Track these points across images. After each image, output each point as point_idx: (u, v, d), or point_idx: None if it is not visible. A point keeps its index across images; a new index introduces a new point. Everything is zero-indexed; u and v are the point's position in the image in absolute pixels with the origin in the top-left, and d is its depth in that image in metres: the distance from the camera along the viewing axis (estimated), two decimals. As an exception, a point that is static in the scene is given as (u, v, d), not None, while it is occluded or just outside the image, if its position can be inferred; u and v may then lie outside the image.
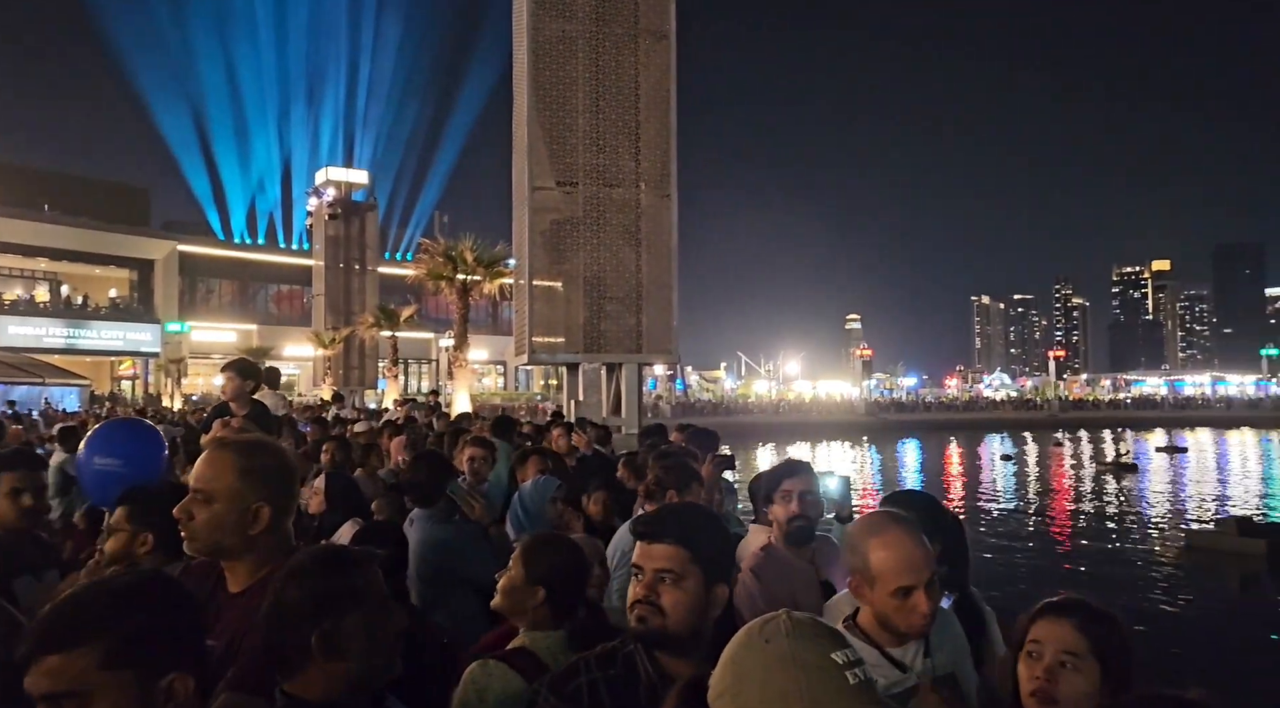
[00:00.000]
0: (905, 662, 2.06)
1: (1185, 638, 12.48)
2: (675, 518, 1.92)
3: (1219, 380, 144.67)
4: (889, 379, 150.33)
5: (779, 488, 3.12)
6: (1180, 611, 14.80)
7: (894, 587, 2.01)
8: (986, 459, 50.38)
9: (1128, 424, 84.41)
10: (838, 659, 1.20)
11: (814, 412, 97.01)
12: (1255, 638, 13.01)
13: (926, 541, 2.06)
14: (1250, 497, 31.48)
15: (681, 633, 1.76)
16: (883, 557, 2.02)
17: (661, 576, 1.78)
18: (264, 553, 2.05)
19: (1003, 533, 23.27)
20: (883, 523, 2.10)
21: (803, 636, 1.22)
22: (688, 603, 1.76)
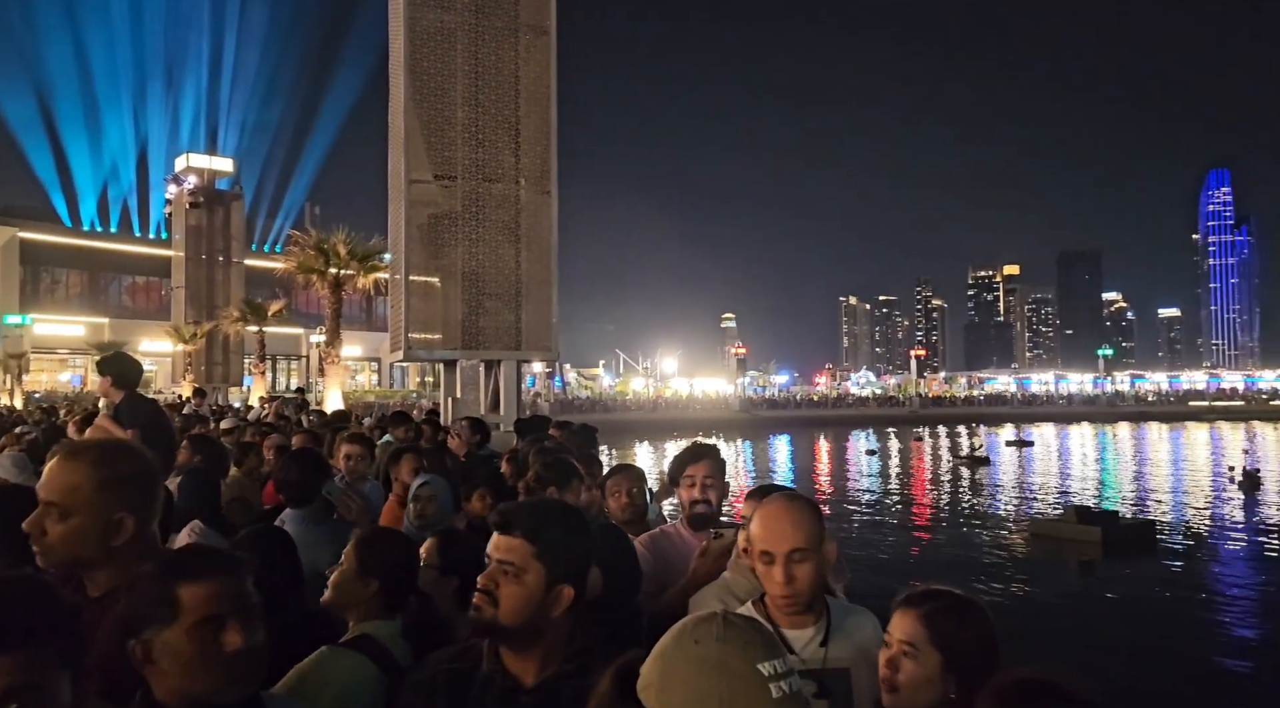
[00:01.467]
0: (798, 645, 2.08)
1: (1029, 618, 13.39)
2: (529, 512, 1.89)
3: (1062, 378, 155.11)
4: (762, 377, 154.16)
5: (684, 472, 3.22)
6: (1025, 593, 15.87)
7: (758, 551, 2.10)
8: (853, 454, 52.40)
9: (981, 420, 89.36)
10: (764, 670, 1.16)
11: (690, 408, 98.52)
12: (1090, 617, 14.09)
13: (810, 521, 2.10)
14: (1088, 487, 33.95)
15: (513, 628, 1.73)
16: (756, 525, 2.12)
17: (504, 568, 1.75)
18: (126, 561, 1.94)
19: (868, 524, 24.31)
20: (771, 497, 2.22)
21: (733, 641, 1.18)
22: (523, 598, 1.72)
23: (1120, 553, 18.64)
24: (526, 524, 1.80)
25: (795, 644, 2.07)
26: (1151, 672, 10.82)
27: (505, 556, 1.77)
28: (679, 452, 3.42)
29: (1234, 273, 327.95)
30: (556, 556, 1.77)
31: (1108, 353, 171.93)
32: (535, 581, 1.74)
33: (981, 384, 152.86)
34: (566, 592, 1.76)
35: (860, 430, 76.06)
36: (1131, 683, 10.10)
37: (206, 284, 48.50)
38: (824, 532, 2.14)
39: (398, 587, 2.38)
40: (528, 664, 1.75)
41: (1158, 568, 17.98)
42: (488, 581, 1.76)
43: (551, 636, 1.76)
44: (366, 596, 2.34)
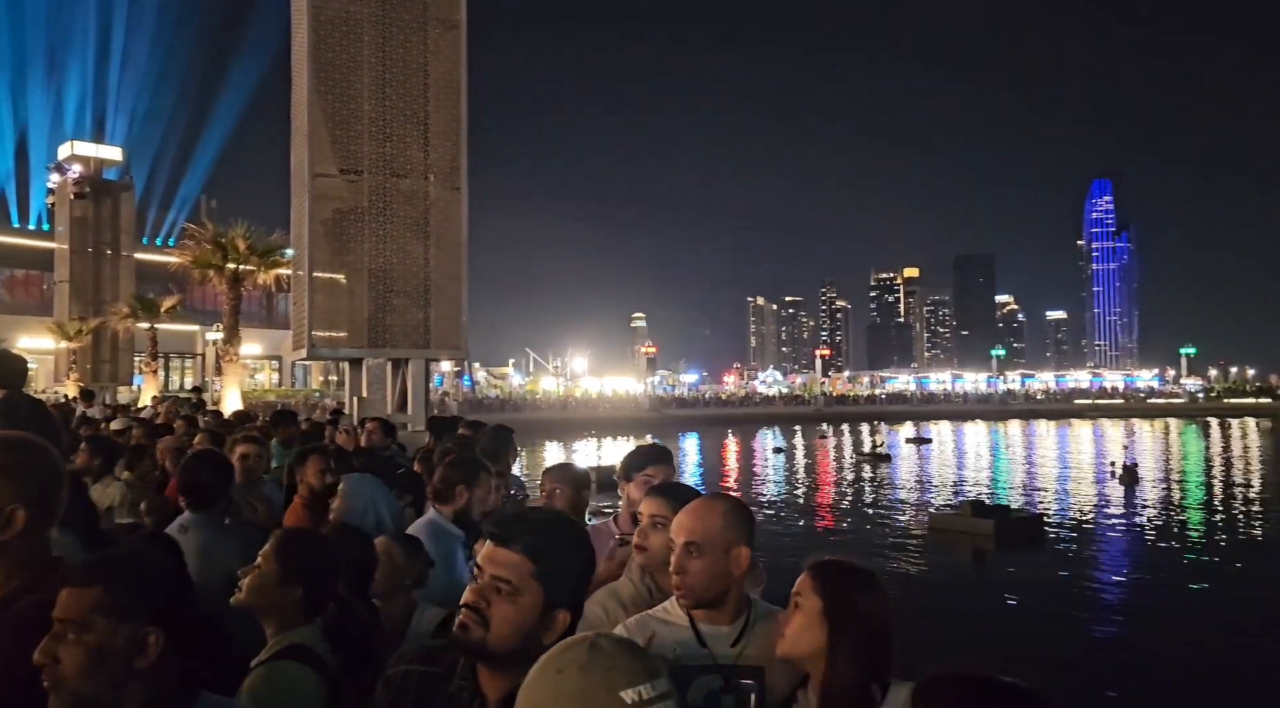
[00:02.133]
0: (711, 642, 2.10)
1: (927, 605, 13.88)
2: (532, 526, 1.69)
3: (958, 378, 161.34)
4: (671, 376, 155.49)
5: (643, 470, 3.18)
6: (923, 581, 16.45)
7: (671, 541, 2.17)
8: (760, 452, 53.33)
9: (882, 418, 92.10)
10: (627, 698, 1.11)
11: (601, 407, 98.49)
12: (983, 605, 14.70)
13: (714, 519, 2.13)
14: (982, 482, 35.37)
15: (501, 651, 1.57)
16: (676, 518, 2.19)
17: (498, 585, 1.57)
18: (15, 561, 1.84)
19: (773, 519, 24.79)
20: (698, 495, 2.30)
21: (595, 669, 1.14)
22: (516, 620, 1.56)
23: (1011, 544, 19.49)
24: (529, 539, 1.60)
25: (709, 641, 2.10)
26: (1037, 653, 11.35)
27: (501, 572, 1.58)
28: (636, 448, 3.38)
29: (1115, 278, 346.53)
30: (558, 577, 1.60)
31: (1000, 353, 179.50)
32: (531, 603, 1.57)
33: (883, 383, 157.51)
34: (562, 618, 1.60)
35: (767, 428, 77.42)
36: (1020, 663, 10.57)
37: (93, 278, 46.19)
38: (735, 535, 2.14)
39: (319, 591, 2.32)
40: (500, 683, 1.59)
41: (1046, 558, 18.87)
42: (478, 597, 1.58)
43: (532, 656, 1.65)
44: (289, 601, 2.27)
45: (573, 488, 3.83)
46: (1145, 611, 14.85)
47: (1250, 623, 13.57)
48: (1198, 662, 11.69)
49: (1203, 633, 13.09)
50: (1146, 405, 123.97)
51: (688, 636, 2.11)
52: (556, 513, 2.13)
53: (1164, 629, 13.56)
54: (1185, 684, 10.82)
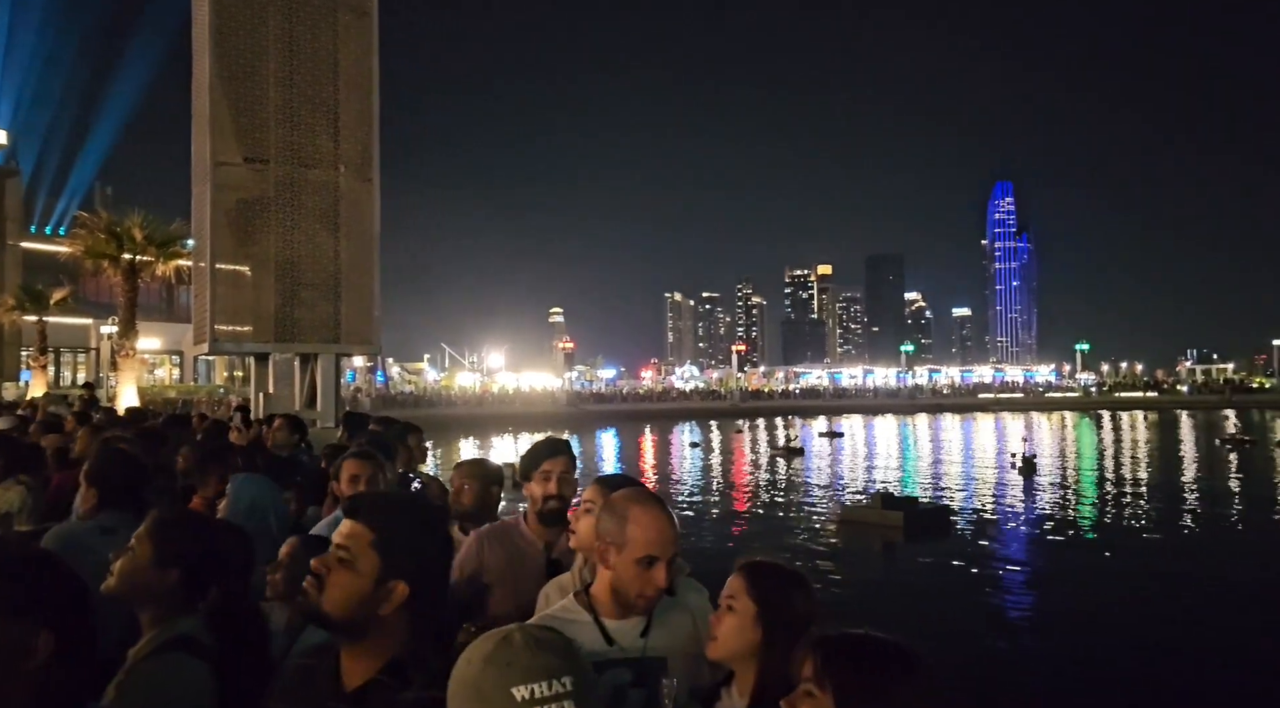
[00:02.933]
0: (620, 637, 2.14)
1: (838, 595, 14.20)
2: (378, 501, 1.83)
3: (869, 373, 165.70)
4: (589, 371, 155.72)
5: (539, 467, 3.16)
6: (835, 572, 16.81)
7: (640, 555, 2.11)
8: (677, 446, 53.79)
9: (796, 412, 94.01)
10: (517, 695, 1.14)
11: (517, 403, 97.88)
12: (893, 593, 15.11)
13: (677, 523, 2.20)
14: (892, 474, 36.37)
15: (335, 618, 1.62)
16: (640, 525, 2.11)
17: (339, 553, 1.65)
18: None
19: (692, 513, 25.00)
20: (646, 496, 2.24)
21: (495, 663, 1.18)
22: (351, 587, 1.62)
23: (919, 535, 20.10)
24: (372, 512, 1.70)
25: (617, 636, 2.13)
26: (945, 638, 11.71)
27: (343, 541, 1.66)
28: (533, 446, 3.35)
29: (1016, 276, 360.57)
30: (396, 548, 1.65)
31: (909, 349, 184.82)
32: (367, 571, 1.63)
33: (797, 379, 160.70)
34: (400, 588, 1.64)
35: (684, 424, 78.13)
36: (927, 648, 10.88)
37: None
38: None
39: (200, 576, 2.18)
40: (355, 666, 1.64)
41: (952, 547, 19.50)
42: (320, 565, 1.66)
43: (379, 635, 1.64)
44: (165, 587, 2.13)
45: (481, 483, 3.77)
46: (1044, 594, 15.49)
47: (1137, 602, 14.32)
48: (1093, 640, 12.25)
49: (1096, 613, 13.74)
50: (1044, 399, 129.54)
51: (593, 632, 2.11)
52: (411, 494, 2.17)
53: (1061, 611, 14.18)
54: (1081, 661, 11.32)
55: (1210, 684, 10.66)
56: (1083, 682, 10.81)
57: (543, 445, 3.28)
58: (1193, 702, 10.14)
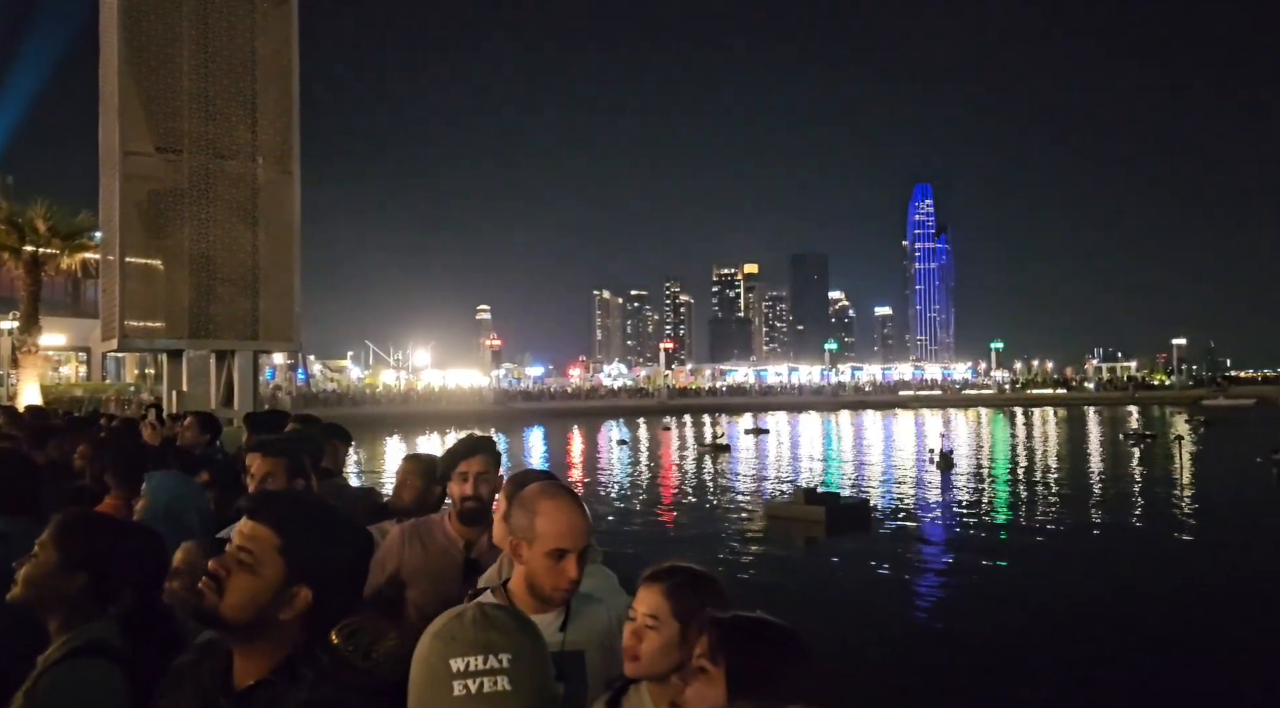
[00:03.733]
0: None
1: (762, 588, 14.42)
2: (284, 503, 1.78)
3: (794, 370, 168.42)
4: (517, 369, 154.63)
5: (456, 467, 3.15)
6: (759, 566, 17.08)
7: (550, 548, 2.11)
8: (605, 444, 53.82)
9: (723, 409, 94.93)
10: (454, 666, 1.18)
11: (444, 401, 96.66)
12: (815, 587, 15.42)
13: (589, 514, 2.21)
14: (815, 470, 37.06)
15: (234, 621, 1.57)
16: (548, 519, 2.12)
17: (240, 555, 1.60)
18: None
19: (620, 509, 25.08)
20: (555, 489, 2.23)
21: (441, 637, 1.22)
22: (252, 591, 1.57)
23: (841, 529, 20.54)
24: (277, 514, 1.65)
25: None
26: (860, 629, 12.02)
27: (245, 542, 1.61)
28: (450, 446, 3.34)
29: (935, 277, 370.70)
30: (302, 553, 1.61)
31: (833, 347, 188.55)
32: (271, 575, 1.58)
33: (724, 376, 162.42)
34: (303, 594, 1.59)
35: (612, 421, 78.28)
36: (843, 641, 11.16)
37: None
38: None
39: (109, 579, 2.11)
40: (248, 666, 1.60)
41: (872, 541, 19.99)
42: (219, 567, 1.60)
43: (275, 638, 1.60)
44: (72, 590, 2.07)
45: (424, 480, 3.74)
46: (959, 584, 15.99)
47: (1046, 589, 14.93)
48: (1005, 624, 12.72)
49: (1008, 599, 14.26)
50: (961, 396, 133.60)
51: None
52: (319, 497, 2.13)
53: (975, 598, 14.67)
54: (994, 645, 11.74)
55: (1111, 659, 11.17)
56: (994, 664, 11.21)
57: (460, 445, 3.26)
58: (1097, 679, 10.60)
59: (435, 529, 3.16)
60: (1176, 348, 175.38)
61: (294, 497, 1.88)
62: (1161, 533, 20.83)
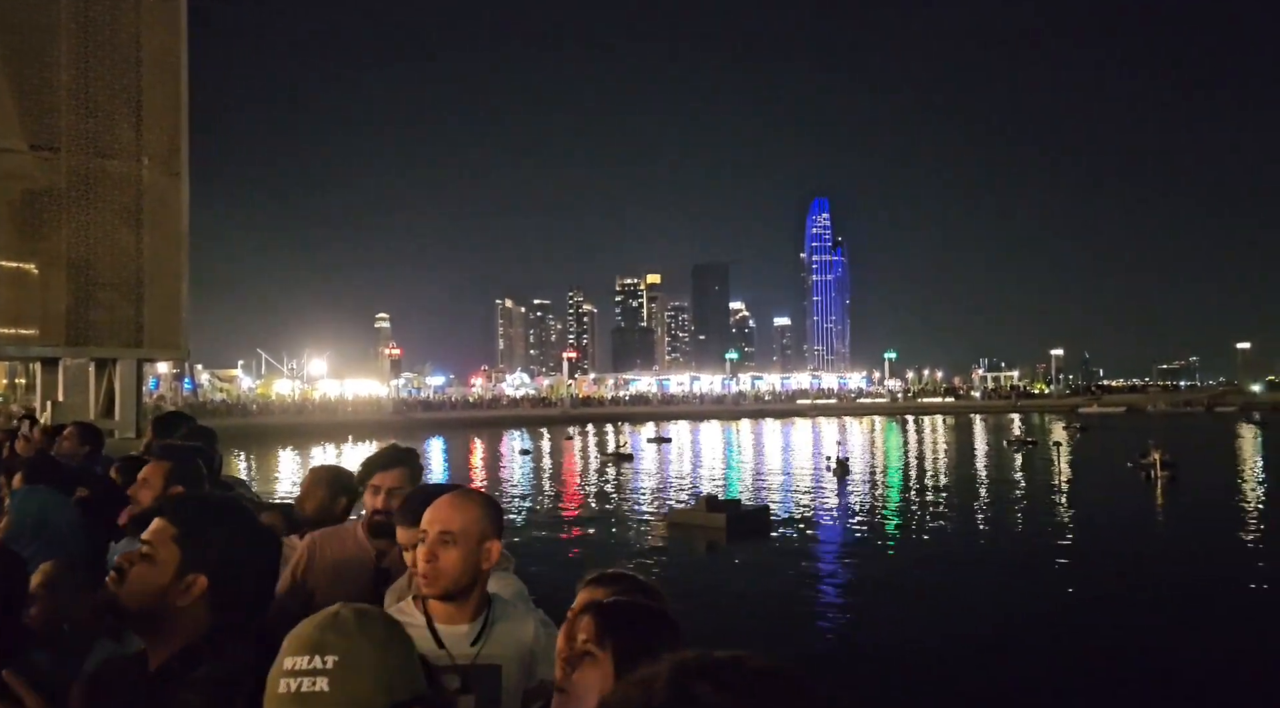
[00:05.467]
0: (450, 642, 2.10)
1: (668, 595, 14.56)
2: (186, 499, 1.83)
3: (695, 380, 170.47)
4: (417, 378, 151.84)
5: (369, 480, 3.11)
6: (662, 573, 17.22)
7: (406, 543, 2.15)
8: (507, 453, 53.30)
9: (626, 418, 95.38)
10: (285, 665, 1.21)
11: (341, 411, 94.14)
12: (716, 592, 15.63)
13: (471, 510, 2.15)
14: (716, 478, 37.58)
15: (134, 609, 1.63)
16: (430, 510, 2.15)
17: (142, 547, 1.67)
18: None
19: (523, 519, 24.87)
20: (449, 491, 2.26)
21: (292, 636, 1.25)
22: (149, 579, 1.63)
23: (742, 535, 20.91)
24: (175, 507, 1.73)
25: (448, 641, 2.11)
26: (759, 632, 12.27)
27: (147, 536, 1.68)
28: (369, 456, 3.26)
29: (831, 289, 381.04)
30: (197, 543, 1.66)
31: (734, 357, 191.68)
32: (167, 563, 1.64)
33: (627, 385, 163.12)
34: (200, 581, 1.64)
35: (515, 430, 77.63)
36: (744, 644, 11.37)
37: None
38: (490, 528, 2.16)
39: None
40: (154, 657, 1.65)
41: (771, 547, 20.41)
42: (124, 560, 1.66)
43: (176, 627, 1.64)
44: None
45: (329, 491, 3.66)
46: (854, 585, 16.48)
47: (938, 589, 15.54)
48: (897, 626, 13.18)
49: (901, 600, 14.79)
50: (856, 405, 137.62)
51: (425, 636, 2.09)
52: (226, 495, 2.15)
53: (869, 598, 15.14)
54: (886, 643, 12.14)
55: (997, 650, 11.70)
56: (886, 661, 11.60)
57: (378, 456, 3.21)
58: (992, 671, 11.09)
59: (347, 539, 3.11)
60: (1055, 358, 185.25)
61: (196, 493, 1.92)
62: (1042, 534, 21.91)
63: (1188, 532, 21.99)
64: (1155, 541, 20.98)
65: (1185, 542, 20.46)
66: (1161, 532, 22.74)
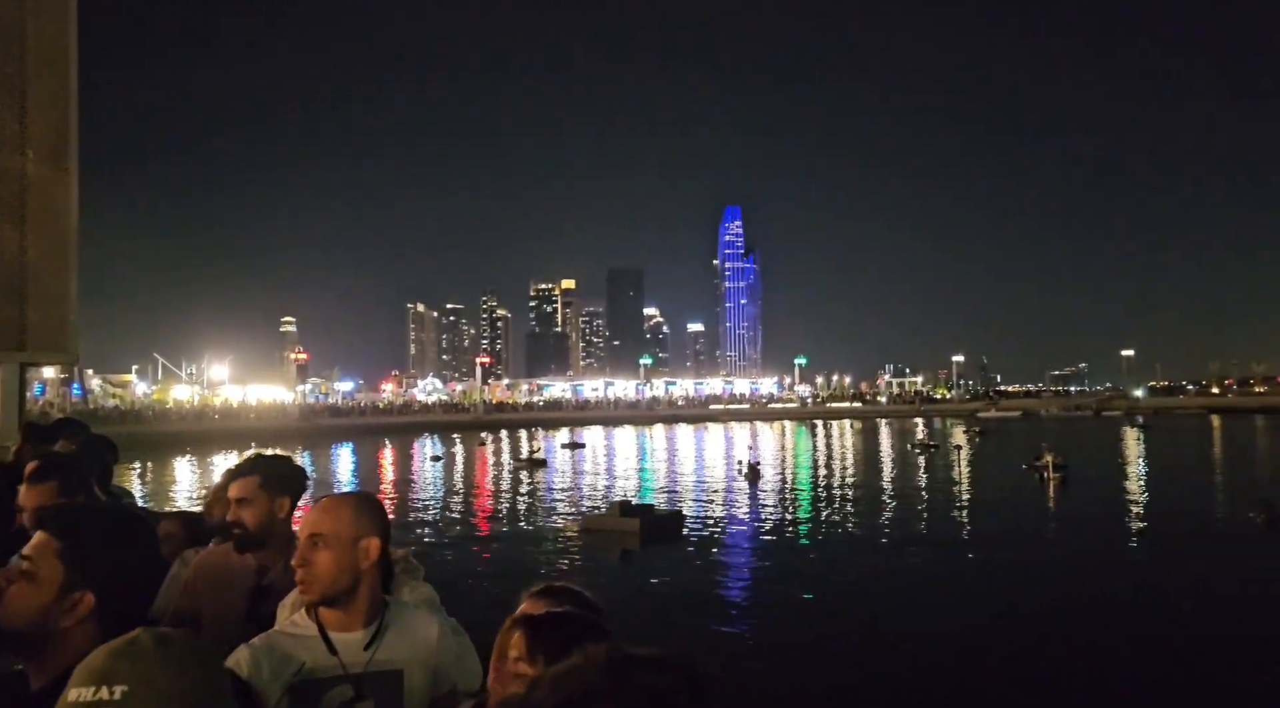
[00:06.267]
0: (343, 649, 2.06)
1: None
2: (68, 511, 1.75)
3: (609, 385, 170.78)
4: (325, 384, 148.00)
5: (225, 492, 3.05)
6: (573, 579, 17.14)
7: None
8: (418, 460, 52.41)
9: (540, 424, 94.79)
10: (69, 697, 1.17)
11: (244, 418, 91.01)
12: (629, 597, 15.66)
13: (345, 511, 2.13)
14: (630, 483, 37.68)
15: (15, 629, 1.54)
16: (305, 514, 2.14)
17: (22, 564, 1.58)
18: None
19: (434, 528, 24.46)
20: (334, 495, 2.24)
21: (82, 666, 1.20)
22: (31, 597, 1.54)
23: (656, 540, 21.01)
24: (59, 521, 1.61)
25: (340, 648, 2.06)
26: (673, 636, 12.35)
27: (28, 551, 1.58)
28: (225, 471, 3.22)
29: (744, 295, 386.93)
30: (83, 558, 1.57)
31: (648, 362, 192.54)
32: (49, 580, 1.55)
33: (541, 391, 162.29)
34: (86, 599, 1.55)
35: (427, 437, 76.37)
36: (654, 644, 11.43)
37: None
38: (364, 527, 2.12)
39: None
40: (37, 683, 1.56)
41: (684, 551, 20.55)
42: (1, 578, 1.56)
43: (61, 648, 1.54)
44: None
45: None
46: (765, 588, 16.73)
47: (848, 589, 15.92)
48: (809, 626, 13.45)
49: (812, 601, 15.10)
50: (768, 410, 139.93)
51: (318, 645, 2.04)
52: (107, 504, 2.09)
53: (779, 601, 15.39)
54: (798, 645, 12.38)
55: (903, 652, 12.05)
56: (797, 664, 11.81)
57: (232, 469, 3.14)
58: (894, 666, 11.40)
59: (230, 556, 3.02)
60: (956, 365, 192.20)
61: (80, 504, 1.85)
62: (943, 533, 22.66)
63: (1077, 530, 23.06)
64: (1046, 540, 21.94)
65: (1074, 539, 21.46)
66: (1052, 531, 23.79)
